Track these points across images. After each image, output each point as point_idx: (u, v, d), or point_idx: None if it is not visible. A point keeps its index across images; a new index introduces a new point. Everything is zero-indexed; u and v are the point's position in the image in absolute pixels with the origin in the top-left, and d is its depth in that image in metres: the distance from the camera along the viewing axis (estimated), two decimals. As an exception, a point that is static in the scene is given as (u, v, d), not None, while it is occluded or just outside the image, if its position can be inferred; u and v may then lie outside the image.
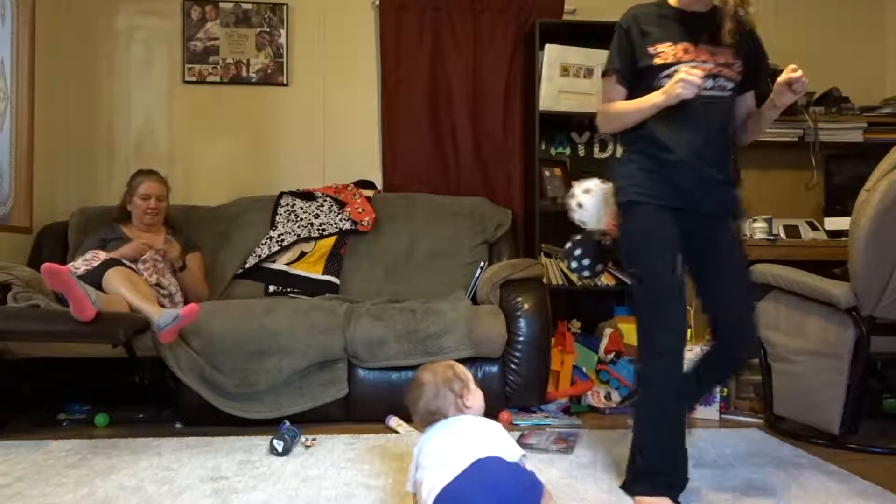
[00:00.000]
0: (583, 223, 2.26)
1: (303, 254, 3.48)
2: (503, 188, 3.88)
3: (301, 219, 3.56)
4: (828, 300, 2.50)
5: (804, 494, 1.98)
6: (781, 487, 2.04)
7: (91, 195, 3.71)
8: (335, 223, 3.55)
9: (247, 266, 3.43)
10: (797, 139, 3.79)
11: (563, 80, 3.64)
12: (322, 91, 3.91)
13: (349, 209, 3.59)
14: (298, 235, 3.50)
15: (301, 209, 3.60)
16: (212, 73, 3.84)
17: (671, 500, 1.85)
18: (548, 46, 3.62)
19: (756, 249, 3.34)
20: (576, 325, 3.57)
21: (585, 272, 2.35)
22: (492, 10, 3.88)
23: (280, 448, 2.33)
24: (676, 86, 1.83)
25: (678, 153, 1.93)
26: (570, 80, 3.66)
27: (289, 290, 3.36)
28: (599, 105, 2.11)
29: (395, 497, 1.94)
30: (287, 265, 3.45)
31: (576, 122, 3.94)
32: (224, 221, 3.58)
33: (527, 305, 2.95)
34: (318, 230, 3.53)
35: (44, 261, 2.63)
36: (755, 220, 3.49)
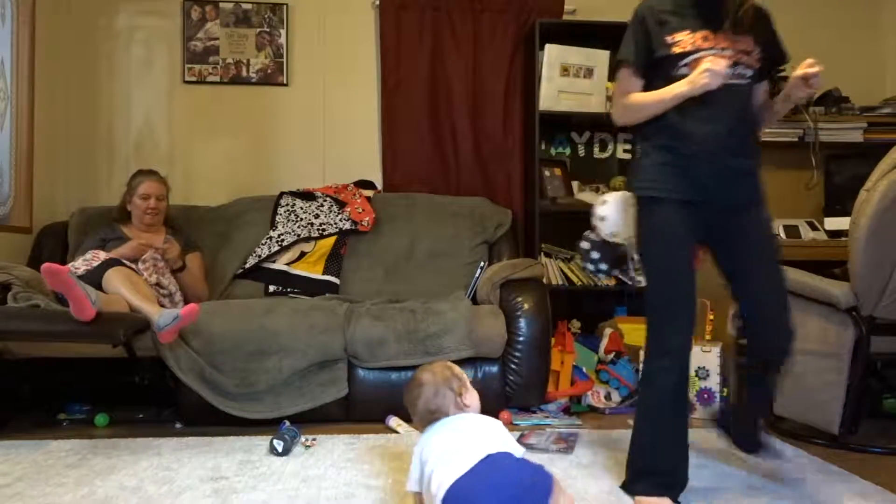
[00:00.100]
0: (614, 235, 2.18)
1: (303, 254, 3.48)
2: (503, 188, 3.88)
3: (301, 219, 3.56)
4: (828, 300, 2.50)
5: (804, 494, 1.98)
6: (781, 487, 2.04)
7: (91, 195, 3.71)
8: (335, 223, 3.55)
9: (247, 266, 3.43)
10: (797, 139, 3.79)
11: (563, 80, 3.65)
12: (322, 91, 3.91)
13: (349, 209, 3.59)
14: (298, 235, 3.50)
15: (301, 209, 3.60)
16: (212, 73, 3.84)
17: (671, 500, 1.85)
18: (548, 46, 3.63)
19: (756, 249, 3.34)
20: (576, 325, 3.58)
21: (601, 274, 2.33)
22: (492, 10, 3.88)
23: (280, 448, 2.33)
24: (702, 75, 1.79)
25: (700, 144, 1.88)
26: (570, 80, 3.66)
27: (289, 290, 3.36)
28: (616, 97, 2.05)
29: (395, 497, 1.94)
30: (287, 265, 3.45)
31: (576, 122, 3.95)
32: (224, 221, 3.58)
33: (527, 305, 2.95)
34: (318, 230, 3.53)
35: (44, 261, 2.63)
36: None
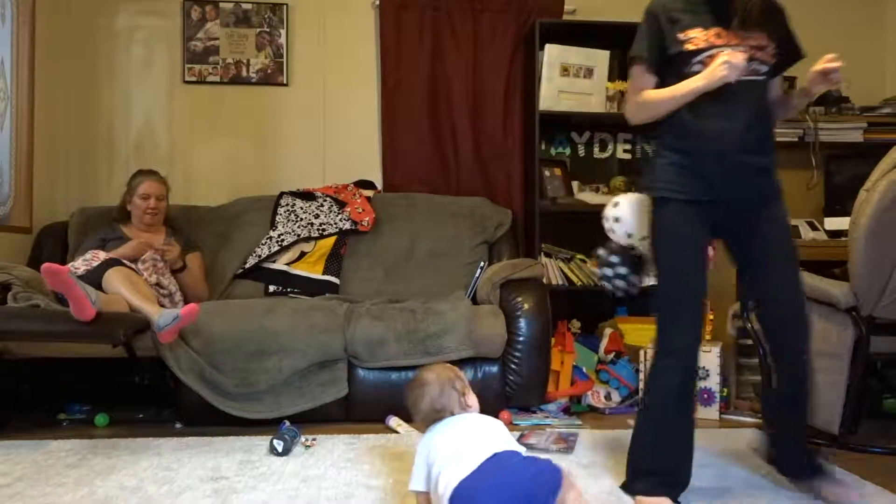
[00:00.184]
0: (629, 235, 2.14)
1: (303, 254, 3.48)
2: (503, 188, 3.88)
3: (301, 219, 3.56)
4: (827, 300, 2.49)
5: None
6: (781, 487, 2.04)
7: (91, 195, 3.71)
8: (335, 223, 3.55)
9: (247, 266, 3.43)
10: (797, 139, 3.79)
11: (563, 80, 3.65)
12: (322, 91, 3.91)
13: (349, 209, 3.59)
14: (298, 235, 3.50)
15: (301, 209, 3.60)
16: (212, 73, 3.84)
17: (671, 500, 1.85)
18: (548, 46, 3.62)
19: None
20: (576, 325, 3.58)
21: (619, 280, 2.19)
22: (492, 10, 3.87)
23: (280, 448, 2.33)
24: (721, 67, 1.78)
25: (713, 141, 1.87)
26: (570, 80, 3.66)
27: (289, 290, 3.36)
28: (629, 95, 2.04)
29: (396, 497, 1.94)
30: (287, 265, 3.45)
31: (576, 122, 3.95)
32: (224, 221, 3.58)
33: (527, 305, 2.95)
34: (318, 230, 3.53)
35: (44, 261, 2.63)
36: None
